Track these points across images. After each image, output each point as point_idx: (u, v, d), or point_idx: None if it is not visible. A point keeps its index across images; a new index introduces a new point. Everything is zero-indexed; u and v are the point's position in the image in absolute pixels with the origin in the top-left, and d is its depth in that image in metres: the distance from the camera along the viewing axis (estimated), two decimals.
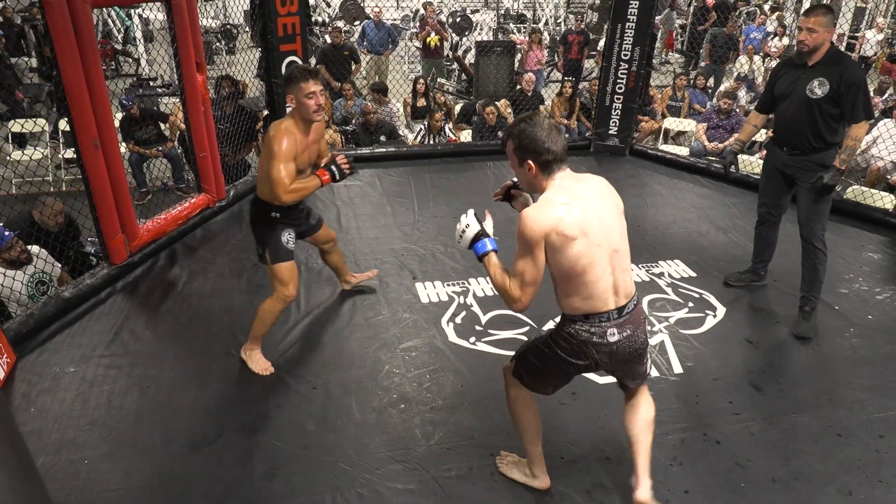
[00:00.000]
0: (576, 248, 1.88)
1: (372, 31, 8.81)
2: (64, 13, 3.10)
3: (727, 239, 4.50)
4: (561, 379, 2.17)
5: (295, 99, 2.70)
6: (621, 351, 2.03)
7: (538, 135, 1.89)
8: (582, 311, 1.97)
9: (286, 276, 2.92)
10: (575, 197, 1.91)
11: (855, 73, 3.18)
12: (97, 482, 2.43)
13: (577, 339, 2.00)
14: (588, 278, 1.92)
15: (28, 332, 3.19)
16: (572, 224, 1.87)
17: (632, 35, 5.66)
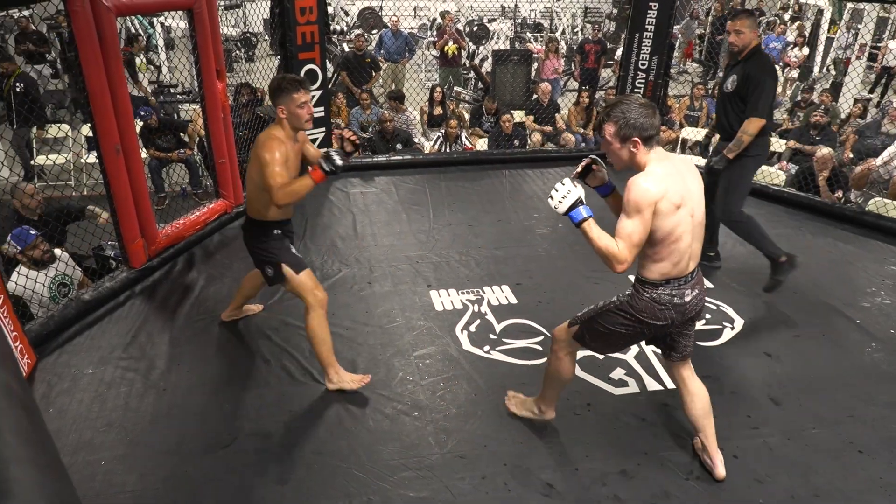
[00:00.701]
0: (677, 216, 2.07)
1: (389, 39, 8.87)
2: (89, 21, 3.16)
3: (745, 250, 4.43)
4: (630, 341, 2.36)
5: (286, 109, 2.66)
6: (691, 309, 2.25)
7: (641, 114, 2.06)
8: (669, 275, 2.16)
9: (311, 281, 2.86)
10: (673, 170, 2.10)
11: (758, 72, 3.50)
12: (113, 483, 2.45)
13: (660, 303, 2.19)
14: (680, 245, 2.12)
15: (48, 333, 3.24)
16: (676, 193, 2.06)
17: (649, 44, 5.65)
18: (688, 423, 2.78)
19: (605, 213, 2.45)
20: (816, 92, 8.06)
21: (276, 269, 2.84)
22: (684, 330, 2.35)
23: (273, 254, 2.84)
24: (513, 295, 3.78)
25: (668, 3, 5.51)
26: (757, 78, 3.48)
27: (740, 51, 3.56)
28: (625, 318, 2.27)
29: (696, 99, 7.40)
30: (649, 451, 2.64)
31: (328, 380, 2.94)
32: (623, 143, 2.10)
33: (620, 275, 4.01)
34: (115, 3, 3.27)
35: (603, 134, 2.15)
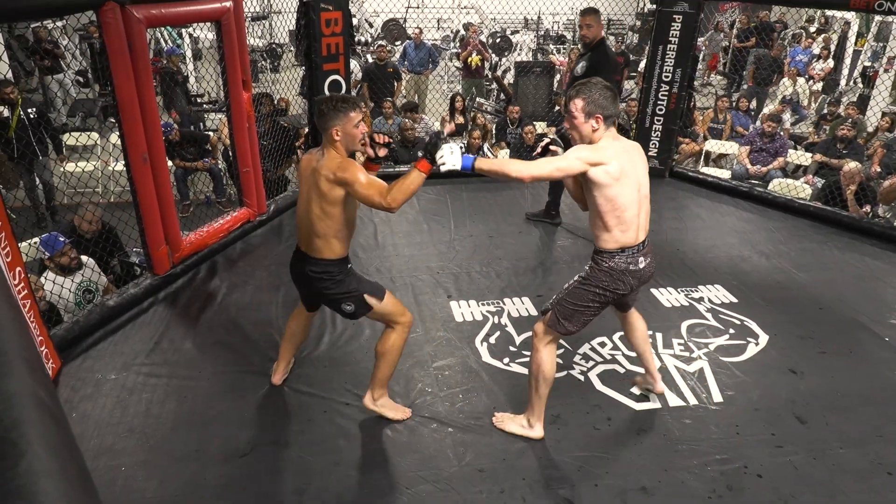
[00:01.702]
0: (621, 186, 2.35)
1: (412, 51, 8.93)
2: (120, 32, 3.22)
3: (770, 264, 4.38)
4: (595, 313, 2.56)
5: (341, 131, 2.44)
6: (645, 274, 2.53)
7: (606, 96, 2.35)
8: (620, 243, 2.42)
9: (397, 304, 2.72)
10: (620, 149, 2.40)
11: (600, 59, 4.10)
12: (133, 489, 2.47)
13: (617, 270, 2.45)
14: (627, 215, 2.39)
15: (73, 338, 3.28)
16: (618, 167, 2.34)
17: (673, 57, 5.62)
18: (711, 439, 2.75)
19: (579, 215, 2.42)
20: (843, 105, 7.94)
21: (358, 302, 2.63)
22: (632, 297, 2.69)
23: (355, 288, 2.63)
24: (533, 307, 3.76)
25: (692, 16, 5.48)
26: (600, 66, 4.07)
27: (590, 42, 4.17)
28: (590, 292, 2.50)
29: (719, 111, 7.33)
30: (670, 469, 2.60)
31: (370, 399, 2.81)
32: (587, 118, 2.37)
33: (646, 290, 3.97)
34: (146, 15, 3.34)
35: (570, 108, 2.40)
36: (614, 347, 3.39)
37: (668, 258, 4.42)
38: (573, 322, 2.55)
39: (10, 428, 0.43)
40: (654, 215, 5.10)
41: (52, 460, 0.43)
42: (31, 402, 0.47)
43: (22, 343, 0.56)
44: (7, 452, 0.41)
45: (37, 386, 0.50)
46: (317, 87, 5.03)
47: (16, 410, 0.45)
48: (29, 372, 0.51)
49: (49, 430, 0.47)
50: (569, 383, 3.11)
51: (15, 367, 0.50)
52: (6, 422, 0.44)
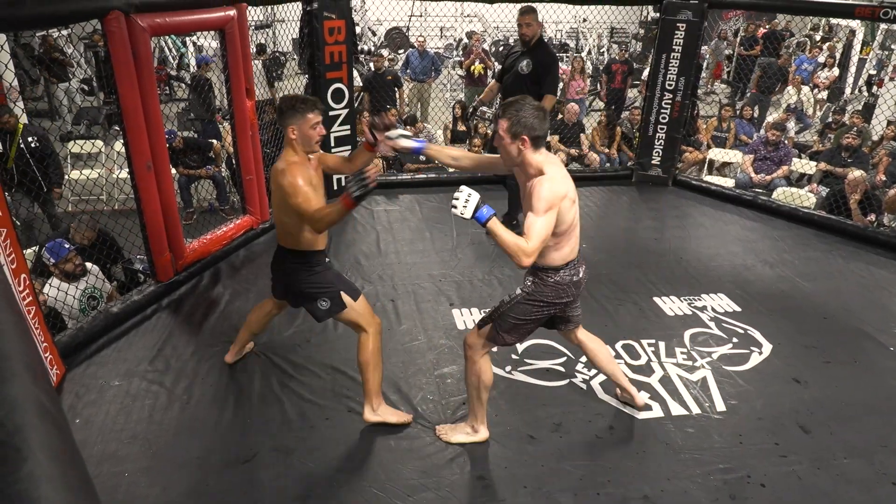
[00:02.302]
0: (574, 209, 2.36)
1: (416, 59, 8.97)
2: (125, 41, 3.25)
3: (774, 273, 4.37)
4: (535, 326, 2.57)
5: (297, 130, 2.53)
6: (583, 283, 2.56)
7: (533, 115, 2.26)
8: (567, 259, 2.43)
9: (367, 309, 2.74)
10: (563, 171, 2.37)
11: (547, 57, 4.33)
12: (136, 496, 2.47)
13: (563, 283, 2.46)
14: (574, 233, 2.43)
15: (77, 345, 3.29)
16: (572, 190, 2.34)
17: (677, 65, 5.63)
18: (714, 448, 2.73)
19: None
20: (848, 113, 7.93)
21: (333, 299, 2.65)
22: (572, 309, 2.66)
23: (329, 283, 2.66)
24: None
25: (695, 24, 5.49)
26: (548, 63, 4.32)
27: (529, 40, 4.33)
28: (535, 307, 2.50)
29: (723, 120, 7.33)
30: (672, 478, 2.59)
31: (370, 409, 2.80)
32: (513, 139, 2.28)
33: (642, 295, 3.96)
34: (150, 24, 3.36)
35: (497, 129, 2.32)
36: (616, 356, 3.38)
37: (671, 267, 4.41)
38: (513, 335, 2.56)
39: (13, 433, 0.44)
40: (658, 223, 5.15)
41: (53, 466, 0.43)
42: (34, 408, 0.48)
43: (25, 349, 0.57)
44: (9, 457, 0.42)
45: (39, 392, 0.51)
46: (320, 96, 5.05)
47: (18, 416, 0.45)
48: (32, 378, 0.52)
49: (51, 436, 0.48)
50: (571, 391, 3.11)
51: (18, 373, 0.50)
52: (8, 427, 0.44)
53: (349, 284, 2.74)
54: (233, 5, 3.96)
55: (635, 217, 5.40)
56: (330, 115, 5.10)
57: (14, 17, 2.94)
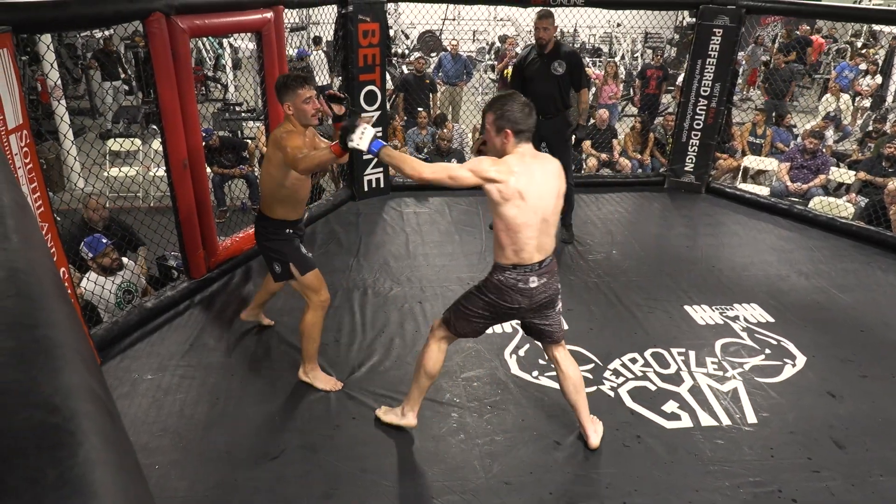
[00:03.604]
0: (517, 206, 2.29)
1: (448, 62, 9.00)
2: (165, 42, 3.32)
3: (809, 284, 4.28)
4: (486, 322, 2.55)
5: (293, 106, 2.77)
6: (538, 295, 2.45)
7: (518, 110, 2.31)
8: (513, 261, 2.39)
9: (317, 283, 2.97)
10: (526, 168, 2.31)
11: (575, 56, 4.57)
12: (165, 488, 2.51)
13: (505, 285, 2.42)
14: (521, 236, 2.34)
15: (112, 338, 3.37)
16: (513, 189, 2.27)
17: (712, 71, 5.55)
18: (744, 460, 2.68)
19: None
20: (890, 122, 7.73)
21: (284, 266, 2.94)
22: (542, 318, 2.56)
23: (283, 252, 2.93)
24: (564, 321, 3.73)
25: (733, 30, 5.41)
26: (579, 61, 4.53)
27: (546, 43, 4.42)
28: (479, 299, 2.49)
29: (757, 126, 7.20)
30: (701, 489, 2.55)
31: (302, 371, 3.11)
32: (498, 132, 2.34)
33: (673, 303, 3.90)
34: (190, 25, 3.44)
35: (484, 121, 2.40)
36: (645, 364, 3.35)
37: (703, 275, 4.35)
38: (462, 325, 2.57)
39: (69, 418, 0.45)
40: (690, 231, 5.08)
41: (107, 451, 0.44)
42: (88, 395, 0.49)
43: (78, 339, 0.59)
44: (66, 442, 0.43)
45: (92, 380, 0.53)
46: (353, 98, 5.10)
47: (73, 402, 0.47)
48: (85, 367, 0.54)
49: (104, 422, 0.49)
50: (599, 399, 3.08)
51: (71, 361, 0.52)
52: (65, 412, 0.45)
53: (302, 258, 2.95)
54: (269, 8, 4.02)
55: (667, 224, 5.33)
56: (362, 117, 5.15)
57: (59, 17, 3.04)
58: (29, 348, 0.51)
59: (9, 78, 2.63)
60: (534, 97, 4.55)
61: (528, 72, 4.54)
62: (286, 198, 2.88)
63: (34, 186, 2.80)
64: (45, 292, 0.60)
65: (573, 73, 4.45)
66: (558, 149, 4.62)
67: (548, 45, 4.44)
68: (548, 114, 4.51)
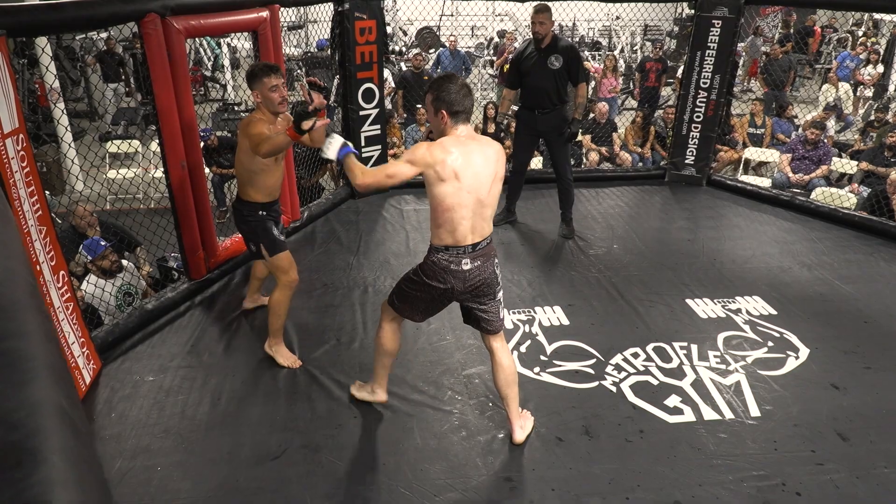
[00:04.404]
0: (446, 188, 2.34)
1: (447, 58, 8.98)
2: (161, 43, 3.31)
3: (812, 276, 4.26)
4: (426, 303, 2.58)
5: (260, 94, 2.93)
6: (472, 278, 2.47)
7: (454, 91, 2.36)
8: (445, 242, 2.42)
9: (286, 264, 3.13)
10: (463, 150, 2.36)
11: (572, 50, 4.49)
12: (167, 490, 2.51)
13: (438, 266, 2.45)
14: (454, 216, 2.37)
15: (113, 340, 3.37)
16: (449, 169, 2.32)
17: (712, 62, 5.52)
18: (748, 454, 2.67)
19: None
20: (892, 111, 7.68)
21: (256, 246, 3.13)
22: (479, 304, 2.57)
23: (255, 233, 3.11)
24: (565, 316, 3.72)
25: (731, 21, 5.38)
26: (576, 56, 4.48)
27: (542, 38, 4.39)
28: (417, 280, 2.53)
29: (756, 116, 7.17)
30: (704, 483, 2.54)
31: (267, 345, 3.29)
32: (435, 113, 2.40)
33: (674, 297, 3.89)
34: (185, 26, 3.42)
35: (424, 103, 2.49)
36: (647, 359, 3.33)
37: (705, 268, 4.33)
38: (404, 305, 2.62)
39: (30, 435, 0.44)
40: (691, 224, 5.06)
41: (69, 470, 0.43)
42: (54, 411, 0.48)
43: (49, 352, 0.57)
44: (25, 461, 0.42)
45: (60, 395, 0.52)
46: (351, 96, 5.09)
47: (37, 418, 0.46)
48: (54, 380, 0.52)
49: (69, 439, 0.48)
50: (600, 394, 3.07)
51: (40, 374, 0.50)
52: (26, 428, 0.44)
53: (272, 240, 3.12)
54: (265, 7, 4.01)
55: (668, 217, 5.31)
56: (360, 115, 5.14)
57: (54, 20, 3.03)
58: None
59: (3, 82, 2.62)
60: (530, 91, 4.57)
61: (524, 66, 4.53)
62: (257, 183, 3.06)
63: (31, 190, 2.79)
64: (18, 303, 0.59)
65: (570, 68, 4.45)
66: (555, 144, 4.64)
67: (544, 40, 4.42)
68: (544, 108, 4.53)
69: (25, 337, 0.54)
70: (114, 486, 2.52)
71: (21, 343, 0.53)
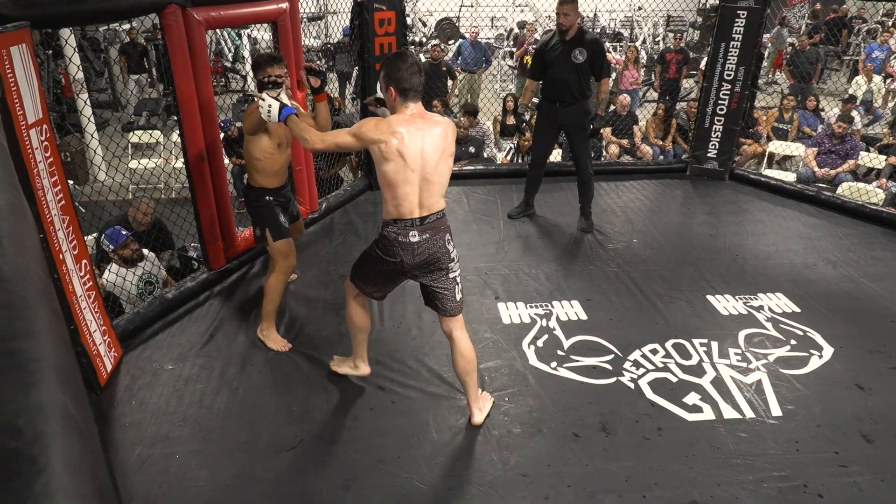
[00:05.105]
0: (390, 166, 2.43)
1: (467, 49, 8.92)
2: (181, 34, 3.32)
3: (837, 273, 4.17)
4: (381, 278, 2.68)
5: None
6: (421, 251, 2.53)
7: (402, 68, 2.41)
8: (393, 216, 2.51)
9: (286, 249, 3.25)
10: (409, 129, 2.42)
11: (598, 45, 4.43)
12: (185, 477, 2.54)
13: (388, 239, 2.53)
14: (398, 192, 2.46)
15: (134, 329, 3.41)
16: (393, 148, 2.40)
17: (736, 54, 5.41)
18: (768, 454, 2.63)
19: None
20: None
21: (262, 230, 3.25)
22: (433, 280, 2.62)
23: (262, 218, 3.24)
24: (583, 311, 3.69)
25: (757, 12, 5.27)
26: (601, 50, 4.41)
27: (567, 30, 4.33)
28: (372, 254, 2.63)
29: (785, 111, 7.03)
30: (723, 483, 2.51)
31: (259, 328, 3.39)
32: (386, 89, 2.47)
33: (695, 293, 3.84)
34: (206, 17, 3.43)
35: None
36: (666, 355, 3.29)
37: (727, 264, 4.26)
38: (363, 280, 2.73)
39: (32, 442, 0.43)
40: (713, 219, 4.98)
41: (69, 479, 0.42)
42: (58, 415, 0.47)
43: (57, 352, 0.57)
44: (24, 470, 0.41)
45: (66, 397, 0.51)
46: (370, 87, 5.07)
47: (40, 423, 0.45)
48: (60, 382, 0.52)
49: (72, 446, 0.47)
50: (618, 390, 3.04)
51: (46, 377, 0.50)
52: (29, 435, 0.43)
53: (277, 226, 3.24)
54: None
55: (689, 212, 5.23)
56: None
57: (77, 12, 3.05)
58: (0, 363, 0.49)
59: (28, 73, 2.64)
60: (553, 84, 4.52)
61: (548, 57, 4.48)
62: (262, 168, 3.18)
63: (55, 180, 2.82)
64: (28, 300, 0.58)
65: (594, 62, 4.38)
66: (575, 137, 4.58)
67: (569, 32, 4.35)
68: (565, 101, 4.48)
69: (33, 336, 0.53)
70: (133, 473, 2.56)
71: (28, 343, 0.52)
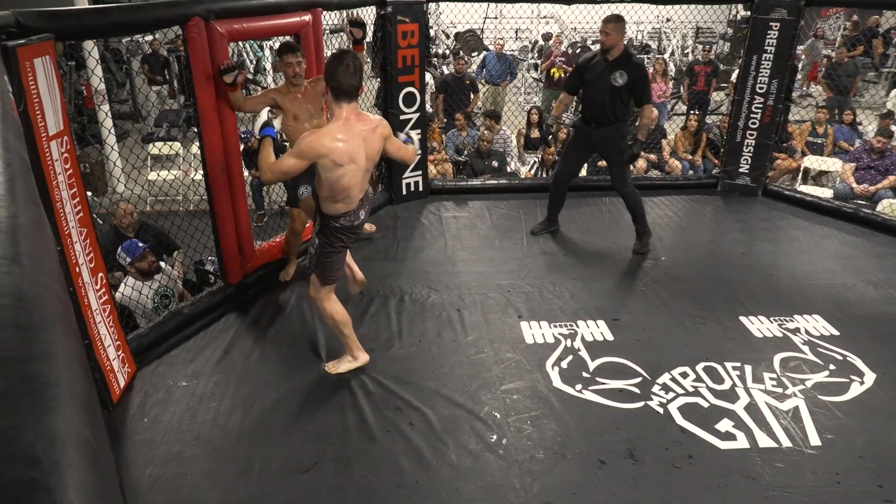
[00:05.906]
0: (342, 171, 2.59)
1: (492, 61, 8.87)
2: (204, 46, 3.30)
3: (878, 294, 3.98)
4: (342, 258, 2.96)
5: (280, 67, 3.53)
6: (363, 222, 2.93)
7: (338, 69, 2.51)
8: (342, 211, 2.76)
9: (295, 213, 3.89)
10: (353, 133, 2.58)
11: (643, 70, 4.30)
12: (197, 499, 2.47)
13: (343, 229, 2.81)
14: (351, 192, 2.70)
15: (149, 344, 3.35)
16: (344, 154, 2.56)
17: (769, 67, 5.26)
18: (807, 486, 2.47)
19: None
20: None
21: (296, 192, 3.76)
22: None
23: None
24: (609, 331, 3.56)
25: (790, 23, 5.11)
26: (643, 76, 4.25)
27: (608, 49, 4.18)
28: (333, 248, 2.86)
29: (819, 125, 6.83)
30: None
31: (284, 272, 4.07)
32: (326, 90, 2.59)
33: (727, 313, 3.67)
34: (229, 29, 3.41)
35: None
36: (697, 379, 3.15)
37: (760, 284, 4.09)
38: (333, 273, 2.95)
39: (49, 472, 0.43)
40: (745, 236, 4.82)
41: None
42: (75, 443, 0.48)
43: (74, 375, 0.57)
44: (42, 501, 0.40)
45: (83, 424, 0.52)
46: (391, 99, 5.03)
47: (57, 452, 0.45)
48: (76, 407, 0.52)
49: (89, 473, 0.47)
50: (646, 415, 2.90)
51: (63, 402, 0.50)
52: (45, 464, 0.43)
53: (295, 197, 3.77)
54: (308, 10, 3.97)
55: (721, 229, 5.07)
56: (401, 119, 5.07)
57: (101, 24, 3.06)
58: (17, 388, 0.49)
59: (50, 85, 2.62)
60: (588, 103, 4.46)
61: (587, 75, 4.33)
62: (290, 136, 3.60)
63: (73, 192, 2.79)
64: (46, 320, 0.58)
65: (635, 87, 4.21)
66: (610, 159, 4.50)
67: (612, 52, 4.19)
68: (599, 122, 4.33)
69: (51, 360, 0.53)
70: (144, 493, 2.49)
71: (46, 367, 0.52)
